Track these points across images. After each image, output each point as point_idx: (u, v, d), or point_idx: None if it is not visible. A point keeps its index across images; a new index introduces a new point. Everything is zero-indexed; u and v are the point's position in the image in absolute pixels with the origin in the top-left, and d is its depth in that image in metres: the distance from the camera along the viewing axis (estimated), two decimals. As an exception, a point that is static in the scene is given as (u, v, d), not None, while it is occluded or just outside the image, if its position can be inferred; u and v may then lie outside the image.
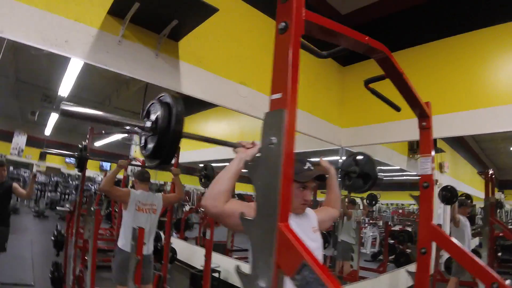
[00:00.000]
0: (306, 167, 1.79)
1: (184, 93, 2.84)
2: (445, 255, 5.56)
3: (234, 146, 1.58)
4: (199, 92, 2.95)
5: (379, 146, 5.50)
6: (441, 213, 7.34)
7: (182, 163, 4.36)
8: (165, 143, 1.30)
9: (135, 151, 7.95)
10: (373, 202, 8.37)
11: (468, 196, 5.93)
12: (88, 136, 4.47)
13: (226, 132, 7.22)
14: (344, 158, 4.60)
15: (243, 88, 3.21)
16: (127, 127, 1.34)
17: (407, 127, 3.95)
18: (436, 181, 7.24)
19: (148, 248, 3.63)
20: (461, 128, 3.76)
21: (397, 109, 2.06)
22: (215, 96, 3.07)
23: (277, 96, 0.94)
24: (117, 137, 8.36)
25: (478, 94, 3.62)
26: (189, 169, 8.82)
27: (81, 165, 4.25)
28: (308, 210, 1.91)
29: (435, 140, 5.42)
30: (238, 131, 6.67)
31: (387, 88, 1.86)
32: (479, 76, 3.69)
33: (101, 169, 14.75)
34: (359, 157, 2.85)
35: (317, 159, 2.15)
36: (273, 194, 0.85)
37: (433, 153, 2.06)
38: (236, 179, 1.49)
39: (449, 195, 4.98)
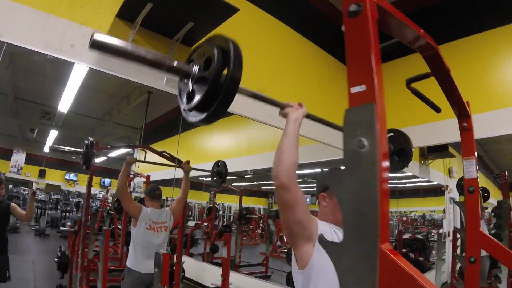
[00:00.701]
0: None
1: None
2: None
3: (281, 106, 1.47)
4: None
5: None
6: (451, 219, 7.18)
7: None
8: (218, 91, 1.07)
9: (138, 167, 7.74)
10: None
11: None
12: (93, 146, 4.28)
13: (232, 143, 7.04)
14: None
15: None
16: (166, 69, 1.08)
17: (421, 133, 3.88)
18: (447, 186, 7.11)
19: None
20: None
21: (438, 110, 1.91)
22: (233, 105, 2.87)
23: (358, 89, 0.77)
24: (119, 152, 8.19)
25: (485, 97, 3.52)
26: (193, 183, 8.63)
27: (88, 163, 4.10)
28: None
29: (446, 145, 5.30)
30: (246, 142, 6.50)
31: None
32: (484, 78, 3.59)
33: (102, 185, 14.51)
34: (390, 134, 2.54)
35: None
36: (369, 209, 0.68)
37: (476, 154, 1.91)
38: None
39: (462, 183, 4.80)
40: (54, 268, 5.09)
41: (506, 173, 4.80)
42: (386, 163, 0.71)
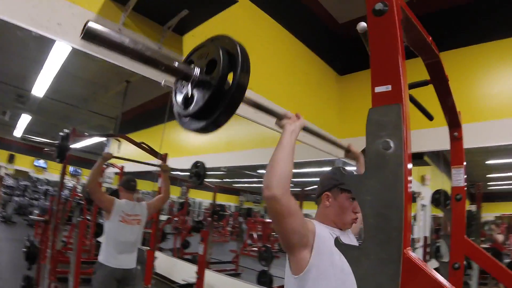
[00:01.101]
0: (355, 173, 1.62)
1: None
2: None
3: (279, 116, 1.38)
4: None
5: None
6: (422, 225, 7.34)
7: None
8: (222, 98, 0.97)
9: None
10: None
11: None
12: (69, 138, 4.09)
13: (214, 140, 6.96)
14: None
15: (250, 93, 2.98)
16: (164, 69, 0.96)
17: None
18: (419, 193, 7.27)
19: (132, 260, 3.33)
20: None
21: (431, 118, 1.93)
22: None
23: (383, 88, 0.75)
24: (94, 140, 7.97)
25: (468, 109, 3.61)
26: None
27: (62, 156, 3.84)
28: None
29: (422, 154, 5.41)
30: (225, 139, 6.44)
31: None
32: (469, 91, 3.68)
33: (72, 174, 14.12)
34: None
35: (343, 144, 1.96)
36: (393, 213, 0.66)
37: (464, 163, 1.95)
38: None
39: (441, 198, 4.92)
40: (20, 258, 4.88)
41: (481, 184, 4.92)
42: (410, 166, 0.70)
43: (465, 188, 1.88)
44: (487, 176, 10.27)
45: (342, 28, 4.47)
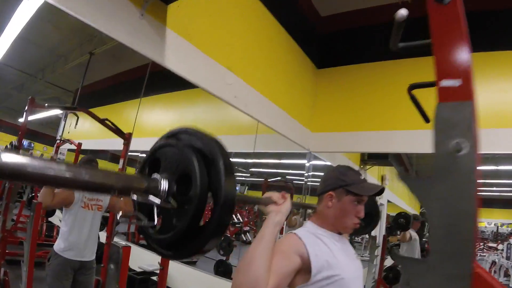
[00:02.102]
0: (362, 177, 1.52)
1: (168, 67, 2.38)
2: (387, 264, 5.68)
3: (264, 203, 1.24)
4: (184, 70, 2.49)
5: (339, 154, 5.46)
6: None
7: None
8: (195, 234, 0.78)
9: (68, 132, 7.13)
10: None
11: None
12: (26, 109, 3.74)
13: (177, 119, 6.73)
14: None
15: (230, 74, 2.84)
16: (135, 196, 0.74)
17: (377, 139, 3.99)
18: (378, 192, 7.44)
19: (91, 252, 3.12)
20: (403, 145, 3.95)
21: (427, 120, 1.89)
22: (201, 78, 2.64)
23: (451, 83, 0.67)
24: (49, 113, 7.49)
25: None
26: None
27: None
28: None
29: (387, 154, 5.52)
30: (193, 121, 6.23)
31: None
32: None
33: (24, 148, 13.28)
34: None
35: None
36: (465, 223, 0.59)
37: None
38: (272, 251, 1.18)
39: (404, 222, 5.03)
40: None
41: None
42: (480, 170, 0.63)
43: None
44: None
45: (323, 21, 4.42)
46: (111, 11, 2.12)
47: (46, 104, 3.77)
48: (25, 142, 13.11)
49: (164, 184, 0.78)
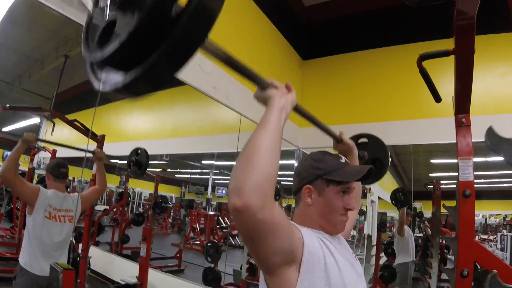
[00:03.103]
0: (343, 161, 1.22)
1: None
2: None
3: (262, 84, 0.98)
4: None
5: (330, 151, 5.20)
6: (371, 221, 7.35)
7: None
8: (164, 30, 0.54)
9: (44, 138, 6.76)
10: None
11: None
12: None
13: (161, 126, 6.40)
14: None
15: (207, 62, 2.52)
16: None
17: (370, 131, 3.75)
18: (369, 189, 7.24)
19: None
20: (399, 137, 3.71)
21: (438, 99, 1.64)
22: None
23: None
24: (28, 122, 7.13)
25: (417, 106, 3.50)
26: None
27: None
28: None
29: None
30: (171, 123, 5.91)
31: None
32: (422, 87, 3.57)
33: (4, 158, 12.67)
34: (363, 140, 2.02)
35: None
36: None
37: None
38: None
39: (401, 196, 4.84)
40: None
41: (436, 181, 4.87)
42: None
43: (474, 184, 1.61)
44: (429, 175, 10.69)
45: (308, 11, 4.18)
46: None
47: (8, 105, 3.40)
48: (6, 153, 12.57)
49: None
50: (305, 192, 1.19)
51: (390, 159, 1.88)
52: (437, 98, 1.63)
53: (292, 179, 1.28)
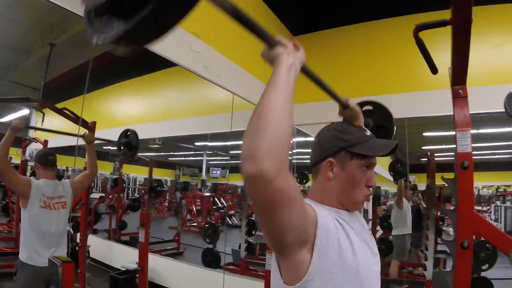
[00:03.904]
0: (368, 134, 1.14)
1: None
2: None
3: (269, 41, 0.90)
4: None
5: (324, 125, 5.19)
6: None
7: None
8: None
9: (34, 131, 6.64)
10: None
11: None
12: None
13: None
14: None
15: (196, 41, 2.43)
16: None
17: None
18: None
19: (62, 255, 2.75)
20: (395, 111, 3.62)
21: (435, 70, 1.61)
22: (162, 45, 2.15)
23: None
24: (19, 114, 7.01)
25: (412, 78, 3.49)
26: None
27: None
28: None
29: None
30: (161, 106, 5.83)
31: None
32: (415, 59, 3.54)
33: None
34: (367, 108, 1.92)
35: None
36: None
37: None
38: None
39: (400, 167, 4.86)
40: None
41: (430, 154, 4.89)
42: None
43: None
44: (422, 148, 10.76)
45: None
46: None
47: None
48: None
49: None
50: (326, 165, 1.10)
51: (394, 126, 1.81)
52: (434, 70, 1.60)
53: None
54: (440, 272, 3.76)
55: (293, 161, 4.26)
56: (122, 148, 3.56)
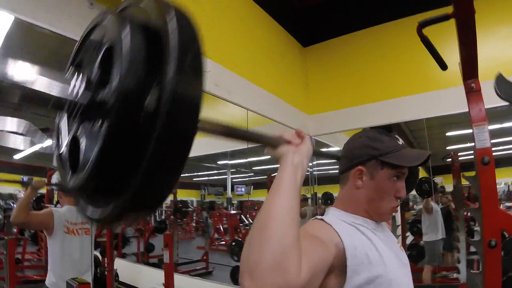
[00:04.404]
0: (400, 143, 1.09)
1: None
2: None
3: (272, 143, 0.83)
4: None
5: (340, 135, 5.16)
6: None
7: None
8: (136, 145, 0.45)
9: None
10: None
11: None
12: None
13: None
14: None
15: (206, 60, 2.49)
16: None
17: (381, 110, 3.68)
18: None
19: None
20: (411, 112, 3.66)
21: (444, 67, 1.58)
22: None
23: None
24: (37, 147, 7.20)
25: (425, 78, 3.43)
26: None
27: None
28: None
29: (391, 128, 5.21)
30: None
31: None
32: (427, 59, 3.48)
33: (23, 183, 12.87)
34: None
35: None
36: None
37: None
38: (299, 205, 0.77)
39: (427, 186, 4.71)
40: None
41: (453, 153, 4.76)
42: None
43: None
44: (446, 148, 10.49)
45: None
46: (55, 4, 1.80)
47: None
48: (25, 178, 12.78)
49: (77, 85, 0.47)
50: (356, 173, 1.07)
51: (418, 172, 1.75)
52: (443, 66, 1.57)
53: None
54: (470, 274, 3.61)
55: (314, 172, 4.21)
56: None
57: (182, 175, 0.51)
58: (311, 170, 4.27)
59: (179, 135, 0.46)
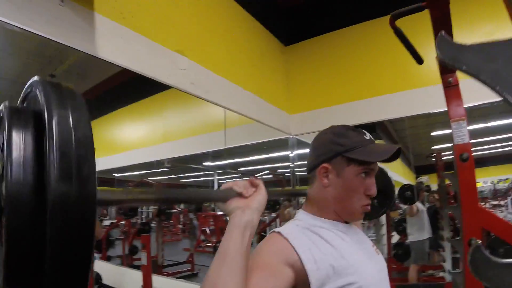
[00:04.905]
0: (367, 137, 1.04)
1: (102, 58, 1.94)
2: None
3: (221, 198, 0.81)
4: (122, 58, 2.04)
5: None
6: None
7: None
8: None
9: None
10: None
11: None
12: None
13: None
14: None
15: (181, 58, 2.39)
16: None
17: (365, 108, 3.63)
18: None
19: None
20: (393, 111, 3.55)
21: (420, 61, 1.53)
22: (146, 65, 2.18)
23: None
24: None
25: (408, 76, 3.41)
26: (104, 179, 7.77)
27: None
28: None
29: (374, 126, 5.18)
30: (161, 128, 5.79)
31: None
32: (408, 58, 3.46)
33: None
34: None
35: None
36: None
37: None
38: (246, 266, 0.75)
39: (410, 193, 4.67)
40: None
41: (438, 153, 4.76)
42: None
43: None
44: (432, 148, 10.58)
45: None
46: (24, 1, 1.71)
47: None
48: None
49: None
50: (321, 171, 1.02)
51: (394, 190, 1.69)
52: (419, 60, 1.52)
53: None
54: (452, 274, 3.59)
55: (295, 173, 4.16)
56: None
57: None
58: (291, 169, 4.20)
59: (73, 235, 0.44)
